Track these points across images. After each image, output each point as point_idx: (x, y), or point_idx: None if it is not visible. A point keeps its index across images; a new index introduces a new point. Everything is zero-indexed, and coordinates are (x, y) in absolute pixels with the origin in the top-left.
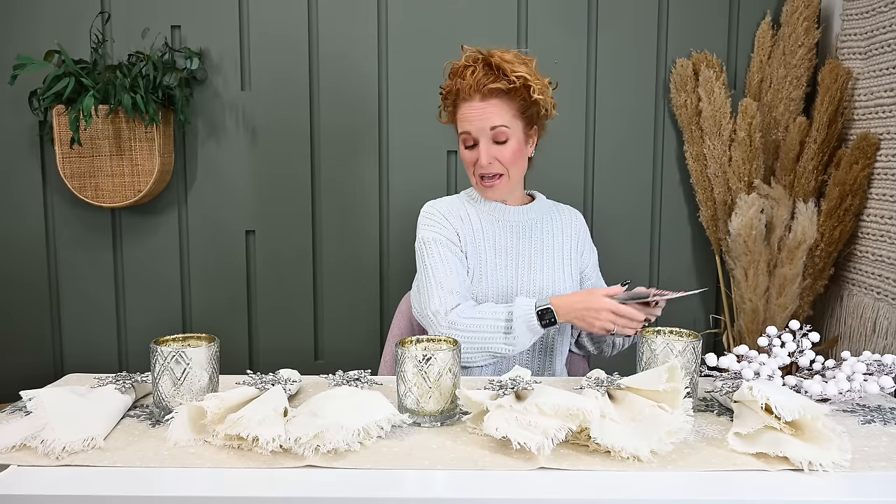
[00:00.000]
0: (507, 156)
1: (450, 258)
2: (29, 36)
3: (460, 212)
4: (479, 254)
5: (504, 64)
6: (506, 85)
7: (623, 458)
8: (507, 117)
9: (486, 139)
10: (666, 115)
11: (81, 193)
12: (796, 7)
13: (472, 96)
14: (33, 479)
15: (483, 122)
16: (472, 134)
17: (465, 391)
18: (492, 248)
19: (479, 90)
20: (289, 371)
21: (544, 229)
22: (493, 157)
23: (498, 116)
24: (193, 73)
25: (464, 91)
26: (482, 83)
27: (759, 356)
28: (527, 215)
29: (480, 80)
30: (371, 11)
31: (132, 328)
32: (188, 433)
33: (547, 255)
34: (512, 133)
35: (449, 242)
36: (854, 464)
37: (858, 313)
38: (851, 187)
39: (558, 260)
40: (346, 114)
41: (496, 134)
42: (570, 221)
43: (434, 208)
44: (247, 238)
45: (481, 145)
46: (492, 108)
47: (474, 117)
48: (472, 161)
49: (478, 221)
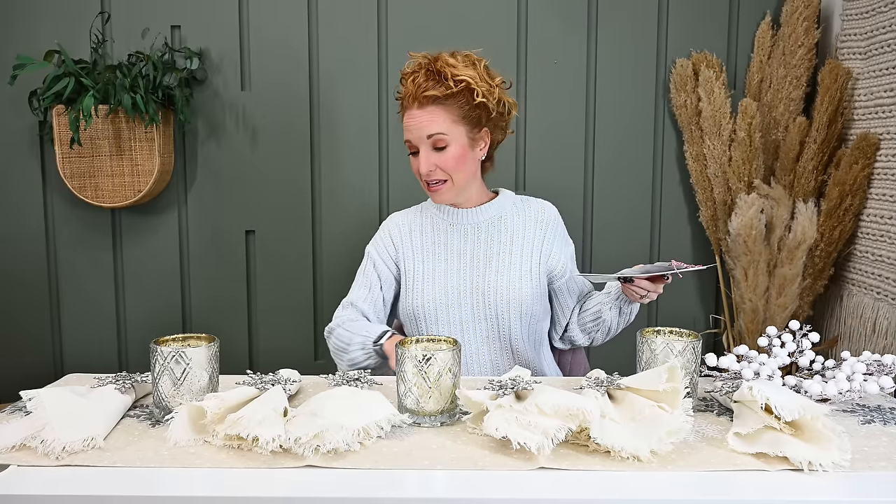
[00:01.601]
0: (447, 162)
1: (371, 275)
2: (29, 36)
3: (412, 224)
4: (429, 260)
5: (446, 68)
6: (442, 91)
7: (623, 458)
8: (445, 124)
9: (426, 147)
10: (666, 115)
11: (81, 193)
12: (796, 7)
13: (411, 104)
14: (33, 479)
15: (420, 130)
16: (413, 142)
17: (465, 391)
18: (443, 252)
19: (416, 98)
20: (289, 371)
21: (502, 227)
22: (433, 164)
23: (434, 124)
24: (193, 73)
25: (405, 99)
26: (420, 90)
27: (759, 356)
28: (482, 215)
29: (420, 85)
30: (371, 11)
31: (132, 328)
32: (188, 433)
33: (504, 253)
34: (452, 139)
35: (380, 260)
36: (854, 464)
37: (858, 313)
38: (851, 187)
39: (517, 257)
40: (346, 114)
41: (434, 141)
42: (535, 215)
43: (386, 225)
44: (247, 238)
45: (421, 153)
46: (428, 116)
47: (413, 126)
48: (416, 168)
49: (430, 228)
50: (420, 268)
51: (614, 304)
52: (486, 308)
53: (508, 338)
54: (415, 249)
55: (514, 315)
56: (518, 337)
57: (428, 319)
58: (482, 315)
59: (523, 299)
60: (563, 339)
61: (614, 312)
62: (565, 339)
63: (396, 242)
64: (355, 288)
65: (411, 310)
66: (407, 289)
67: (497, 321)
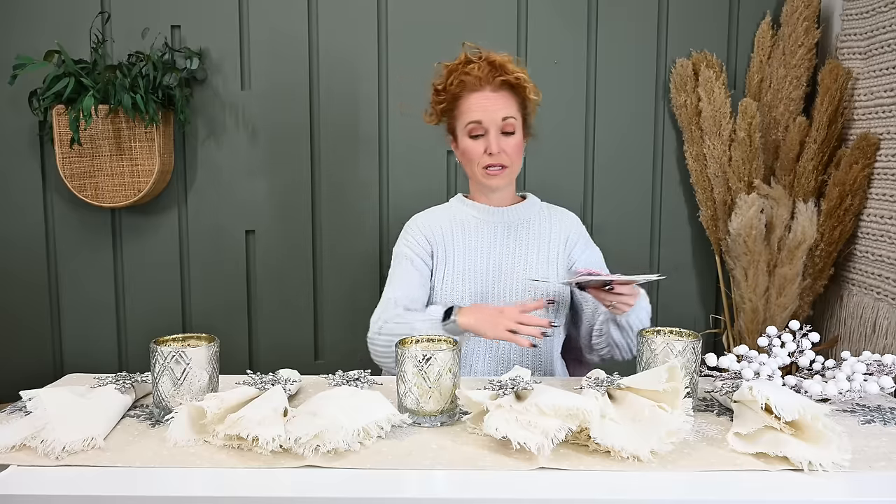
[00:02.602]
0: (512, 148)
1: (412, 274)
2: (29, 36)
3: (441, 222)
4: (459, 257)
5: (506, 63)
6: (513, 80)
7: (623, 459)
8: (514, 110)
9: (496, 129)
10: (666, 115)
11: (81, 193)
12: (796, 7)
13: (482, 87)
14: (33, 479)
15: (495, 112)
16: (483, 123)
17: (465, 391)
18: (473, 250)
19: (490, 81)
20: (289, 371)
21: (531, 230)
22: (500, 147)
23: (509, 108)
24: (193, 73)
25: (471, 83)
26: (494, 73)
27: (759, 356)
28: (514, 215)
29: (489, 72)
30: (371, 11)
31: (132, 328)
32: (188, 433)
33: (531, 255)
34: (517, 126)
35: (417, 258)
36: (854, 464)
37: (858, 313)
38: (851, 187)
39: (543, 261)
40: (346, 114)
41: (506, 125)
42: (560, 223)
43: (414, 223)
44: (247, 238)
45: (491, 135)
46: (503, 100)
47: (487, 106)
48: (479, 151)
49: (460, 227)
50: (451, 265)
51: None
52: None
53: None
54: (446, 247)
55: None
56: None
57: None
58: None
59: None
60: (593, 354)
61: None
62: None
63: (430, 239)
64: (395, 287)
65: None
66: (435, 285)
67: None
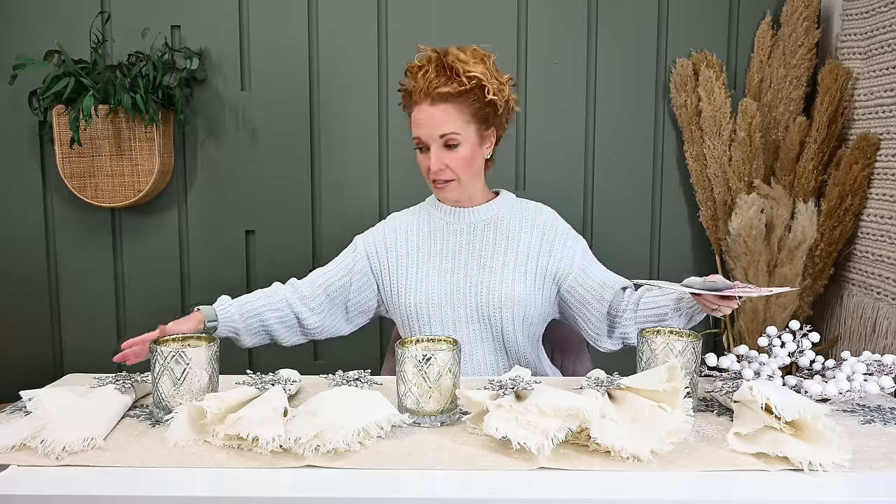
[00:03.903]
0: (458, 162)
1: (342, 263)
2: (29, 36)
3: (409, 224)
4: (423, 260)
5: (458, 64)
6: (456, 88)
7: (623, 459)
8: (457, 123)
9: (437, 145)
10: (666, 115)
11: (81, 193)
12: (796, 7)
13: (422, 100)
14: (33, 479)
15: (433, 128)
16: (423, 139)
17: (465, 391)
18: (438, 252)
19: (428, 94)
20: (289, 371)
21: (499, 229)
22: (443, 162)
23: (448, 123)
24: (193, 73)
25: (415, 94)
26: (432, 86)
27: (759, 356)
28: (480, 215)
29: (431, 82)
30: (371, 10)
31: (132, 328)
32: (188, 433)
33: (498, 254)
34: (463, 138)
35: (363, 255)
36: (854, 464)
37: (858, 313)
38: (851, 187)
39: (511, 259)
40: (346, 113)
41: (446, 140)
42: (532, 218)
43: (384, 224)
44: (247, 238)
45: (432, 151)
46: (441, 114)
47: (424, 123)
48: (426, 166)
49: (426, 229)
50: (414, 268)
51: (685, 312)
52: (479, 309)
53: (502, 338)
54: (409, 250)
55: (507, 316)
56: (513, 338)
57: (421, 320)
58: (475, 316)
59: (516, 300)
60: (613, 338)
61: (683, 320)
62: (615, 338)
63: (389, 244)
64: (318, 272)
65: (405, 310)
66: (401, 289)
67: (490, 322)
